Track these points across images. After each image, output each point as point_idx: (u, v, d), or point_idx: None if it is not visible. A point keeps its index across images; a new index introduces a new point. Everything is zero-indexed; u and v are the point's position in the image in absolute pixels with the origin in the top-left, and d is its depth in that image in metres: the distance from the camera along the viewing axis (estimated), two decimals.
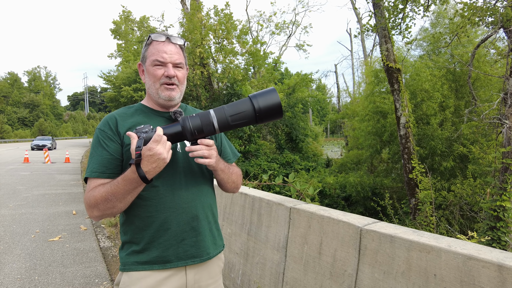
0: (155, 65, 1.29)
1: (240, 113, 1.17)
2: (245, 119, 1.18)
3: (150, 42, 1.32)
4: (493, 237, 3.81)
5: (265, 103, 1.16)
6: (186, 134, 1.18)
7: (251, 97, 1.18)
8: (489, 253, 1.40)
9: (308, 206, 2.44)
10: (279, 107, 1.17)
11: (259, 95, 1.18)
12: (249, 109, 1.17)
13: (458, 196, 7.06)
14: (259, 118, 1.17)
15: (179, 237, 1.29)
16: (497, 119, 5.44)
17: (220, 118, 1.17)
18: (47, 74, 75.21)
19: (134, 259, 1.28)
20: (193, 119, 1.18)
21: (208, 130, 1.18)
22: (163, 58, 1.28)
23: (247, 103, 1.18)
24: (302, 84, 17.01)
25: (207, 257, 1.35)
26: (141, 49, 1.38)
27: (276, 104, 1.17)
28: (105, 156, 1.25)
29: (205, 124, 1.17)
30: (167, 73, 1.29)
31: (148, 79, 1.33)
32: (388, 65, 8.22)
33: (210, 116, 1.17)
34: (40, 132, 53.62)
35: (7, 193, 8.52)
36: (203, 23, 13.36)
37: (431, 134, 10.57)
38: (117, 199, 1.17)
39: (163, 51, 1.29)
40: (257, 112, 1.16)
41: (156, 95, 1.33)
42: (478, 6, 5.92)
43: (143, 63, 1.36)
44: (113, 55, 29.62)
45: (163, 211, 1.27)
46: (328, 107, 53.28)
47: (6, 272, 3.79)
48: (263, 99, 1.17)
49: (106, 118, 1.33)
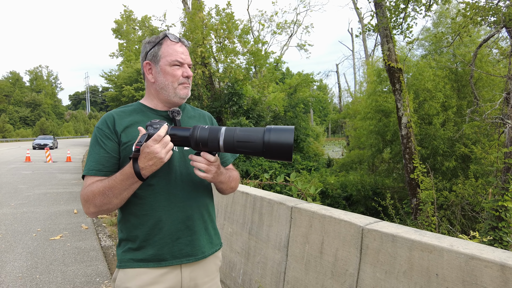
0: (174, 65, 1.32)
1: (247, 142, 1.13)
2: (251, 150, 1.14)
3: (162, 42, 1.33)
4: (495, 237, 3.79)
5: (276, 139, 1.10)
6: (191, 142, 1.18)
7: (266, 130, 1.13)
8: (492, 253, 1.39)
9: (310, 205, 2.43)
10: (288, 148, 1.10)
11: (274, 130, 1.13)
12: (258, 141, 1.12)
13: (459, 196, 7.04)
14: (266, 153, 1.12)
15: (174, 235, 1.30)
16: (499, 119, 5.43)
17: (227, 139, 1.15)
18: (48, 73, 75.43)
19: (130, 256, 1.29)
20: (203, 130, 1.17)
21: (212, 146, 1.17)
22: (182, 59, 1.33)
23: (259, 134, 1.13)
24: (303, 84, 17.00)
25: (202, 256, 1.36)
26: (144, 48, 1.37)
27: (286, 144, 1.10)
28: (102, 154, 1.27)
29: (211, 139, 1.16)
30: (186, 73, 1.34)
31: (164, 79, 1.33)
32: (389, 65, 8.21)
33: (219, 133, 1.16)
34: (42, 131, 53.74)
35: (9, 192, 8.54)
36: (205, 23, 13.36)
37: (433, 134, 10.54)
38: (113, 194, 1.18)
39: (180, 52, 1.33)
40: (264, 147, 1.11)
41: (173, 94, 1.34)
42: (480, 6, 5.90)
43: (154, 62, 1.35)
44: (115, 55, 29.67)
45: (157, 209, 1.28)
46: (330, 107, 53.25)
47: (7, 270, 3.80)
48: (276, 135, 1.11)
49: (104, 117, 1.34)
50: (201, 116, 1.53)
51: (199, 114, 1.53)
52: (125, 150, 1.28)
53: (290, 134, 1.11)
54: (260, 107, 14.45)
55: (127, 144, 1.28)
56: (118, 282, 1.30)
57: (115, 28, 27.51)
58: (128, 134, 1.30)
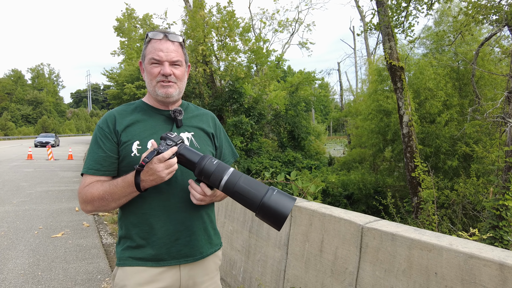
0: (152, 63, 1.30)
1: (245, 197, 1.12)
2: (246, 204, 1.13)
3: (148, 40, 1.33)
4: (496, 236, 3.79)
5: (274, 204, 1.08)
6: (196, 169, 1.18)
7: (269, 190, 1.11)
8: (491, 252, 1.40)
9: (310, 203, 2.44)
10: (281, 218, 1.07)
11: (277, 197, 1.10)
12: (256, 200, 1.10)
13: (461, 195, 7.04)
14: (259, 211, 1.10)
15: (173, 236, 1.30)
16: (501, 117, 5.41)
17: (228, 184, 1.14)
18: (50, 71, 75.61)
19: (129, 254, 1.30)
20: (211, 164, 1.16)
21: (213, 182, 1.16)
22: (159, 57, 1.29)
23: (259, 193, 1.11)
24: (305, 83, 16.97)
25: (200, 256, 1.37)
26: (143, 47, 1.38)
27: (281, 214, 1.07)
28: (100, 154, 1.29)
29: (215, 176, 1.15)
30: (163, 71, 1.30)
31: (147, 78, 1.34)
32: (391, 63, 8.19)
33: (224, 173, 1.15)
34: (44, 129, 53.87)
35: (11, 190, 8.58)
36: (206, 21, 13.34)
37: (436, 133, 10.52)
38: (112, 199, 1.22)
39: (159, 49, 1.29)
40: (258, 209, 1.10)
41: (153, 93, 1.34)
42: (482, 4, 5.88)
43: (142, 61, 1.37)
44: (116, 53, 29.66)
45: (157, 209, 1.29)
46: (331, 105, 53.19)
47: (9, 267, 3.82)
48: (276, 200, 1.09)
49: (106, 116, 1.35)
50: (204, 115, 1.51)
51: (202, 113, 1.52)
52: (125, 149, 1.28)
53: (290, 204, 1.08)
54: (261, 105, 14.44)
55: (127, 143, 1.28)
56: (117, 280, 1.31)
57: (117, 26, 27.50)
58: (129, 133, 1.30)
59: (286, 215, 1.07)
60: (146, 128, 1.33)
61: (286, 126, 15.87)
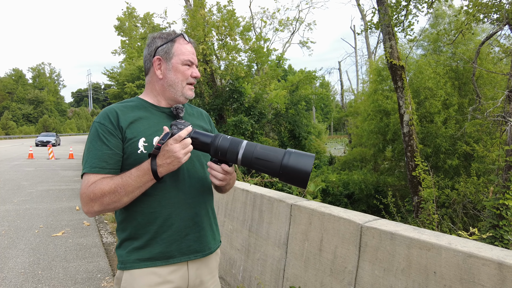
0: (186, 64, 1.33)
1: (266, 160, 1.13)
2: (268, 169, 1.14)
3: (176, 40, 1.33)
4: (496, 235, 3.79)
5: (294, 164, 1.10)
6: (211, 149, 1.19)
7: (286, 152, 1.13)
8: (490, 251, 1.40)
9: (309, 203, 2.44)
10: (305, 175, 1.09)
11: (295, 154, 1.12)
12: (277, 162, 1.12)
13: (461, 195, 7.03)
14: (282, 175, 1.12)
15: (183, 232, 1.29)
16: (501, 117, 5.41)
17: (246, 153, 1.15)
18: (51, 70, 75.70)
19: (136, 256, 1.25)
20: (224, 140, 1.18)
21: (231, 157, 1.17)
22: (193, 59, 1.35)
23: (279, 155, 1.13)
24: (305, 82, 16.96)
25: (208, 251, 1.37)
26: (154, 43, 1.35)
27: (304, 171, 1.09)
28: (105, 151, 1.21)
29: (231, 150, 1.17)
30: (195, 74, 1.35)
31: (174, 76, 1.32)
32: (391, 62, 8.18)
33: (239, 146, 1.17)
34: (45, 129, 53.93)
35: (12, 189, 8.59)
36: (206, 20, 13.34)
37: (435, 132, 10.51)
38: (125, 192, 1.15)
39: (191, 52, 1.34)
40: (281, 169, 1.11)
41: (180, 93, 1.34)
42: (483, 3, 5.87)
43: (166, 58, 1.32)
44: (117, 52, 29.67)
45: (167, 206, 1.27)
46: (332, 105, 53.16)
47: (10, 266, 3.83)
48: (295, 159, 1.11)
49: (106, 111, 1.28)
50: (199, 114, 1.52)
51: (197, 111, 1.52)
52: (131, 146, 1.23)
53: (309, 161, 1.10)
54: (261, 104, 14.43)
55: (133, 140, 1.24)
56: (124, 283, 1.26)
57: (118, 25, 27.51)
58: (133, 130, 1.25)
59: (309, 172, 1.08)
60: (151, 125, 1.29)
61: (286, 125, 15.87)
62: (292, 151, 1.13)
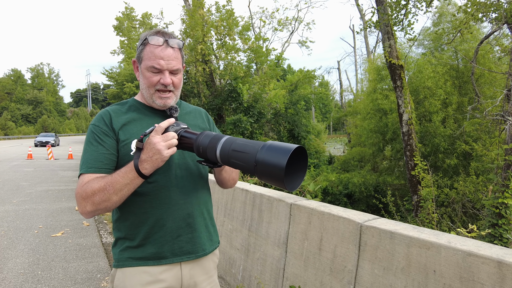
0: (151, 71, 1.24)
1: (242, 152, 1.00)
2: (243, 162, 0.99)
3: (147, 42, 1.24)
4: (495, 234, 3.80)
5: (268, 157, 0.92)
6: (194, 148, 1.14)
7: (266, 143, 0.97)
8: (489, 250, 1.40)
9: (309, 202, 2.44)
10: (279, 171, 0.90)
11: (272, 145, 0.95)
12: (253, 153, 0.96)
13: (460, 194, 7.04)
14: (257, 170, 0.95)
15: (175, 233, 1.28)
16: (500, 116, 5.41)
17: (224, 147, 1.04)
18: (50, 71, 75.54)
19: (128, 254, 1.26)
20: (206, 137, 1.10)
21: (211, 155, 1.09)
22: (159, 65, 1.22)
23: (257, 146, 0.97)
24: (304, 81, 16.97)
25: (202, 253, 1.35)
26: (138, 44, 1.30)
27: (278, 165, 0.90)
28: (101, 151, 1.22)
29: (210, 147, 1.08)
30: (163, 80, 1.24)
31: (143, 81, 1.28)
32: (390, 62, 8.18)
33: (218, 142, 1.07)
34: (44, 129, 53.88)
35: (11, 189, 8.58)
36: (205, 20, 13.33)
37: (434, 132, 10.53)
38: (114, 190, 1.13)
39: (160, 56, 1.22)
40: (256, 161, 0.95)
41: (150, 100, 1.30)
42: (481, 2, 5.87)
43: (138, 62, 1.30)
44: (116, 52, 29.60)
45: (158, 207, 1.26)
46: (331, 104, 53.14)
47: (9, 266, 3.82)
48: (270, 152, 0.93)
49: (100, 114, 1.30)
50: (197, 112, 1.50)
51: (194, 110, 1.50)
52: (124, 148, 1.24)
53: (284, 155, 0.90)
54: (260, 104, 14.43)
55: (126, 142, 1.24)
56: (117, 281, 1.27)
57: (116, 26, 27.46)
58: (126, 132, 1.26)
59: (282, 167, 0.89)
60: (143, 126, 1.28)
61: (286, 125, 15.88)
62: (273, 142, 0.96)
